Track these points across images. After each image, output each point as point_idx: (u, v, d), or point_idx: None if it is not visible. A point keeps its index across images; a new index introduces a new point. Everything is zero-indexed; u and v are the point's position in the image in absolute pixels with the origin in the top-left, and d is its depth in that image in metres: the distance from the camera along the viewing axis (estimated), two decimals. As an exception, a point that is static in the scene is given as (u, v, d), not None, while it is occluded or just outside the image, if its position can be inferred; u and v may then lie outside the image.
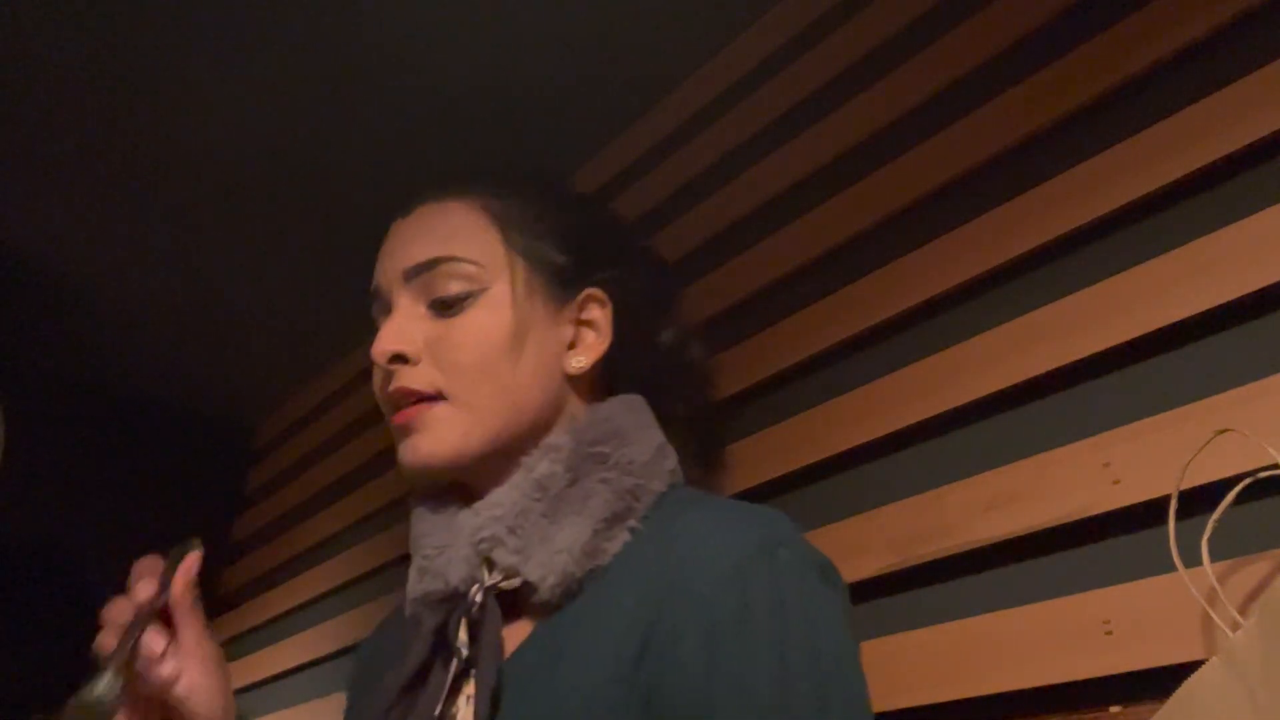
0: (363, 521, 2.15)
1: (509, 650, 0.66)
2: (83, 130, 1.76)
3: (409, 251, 0.73)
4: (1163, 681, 0.77)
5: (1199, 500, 0.80)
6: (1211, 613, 0.77)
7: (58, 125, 1.75)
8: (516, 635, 0.67)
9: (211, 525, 2.66)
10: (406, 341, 0.71)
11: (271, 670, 2.22)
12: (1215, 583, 0.77)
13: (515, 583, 0.67)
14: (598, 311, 0.76)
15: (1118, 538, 0.91)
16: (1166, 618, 0.82)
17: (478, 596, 0.67)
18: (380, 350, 0.71)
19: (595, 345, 0.75)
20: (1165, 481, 0.83)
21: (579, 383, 0.75)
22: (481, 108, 1.69)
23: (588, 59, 1.59)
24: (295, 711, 2.09)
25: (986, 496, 1.00)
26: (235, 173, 1.87)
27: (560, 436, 0.71)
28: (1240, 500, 0.77)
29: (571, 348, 0.75)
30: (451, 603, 0.68)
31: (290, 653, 2.18)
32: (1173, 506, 0.79)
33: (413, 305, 0.73)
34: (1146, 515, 0.87)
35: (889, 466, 1.13)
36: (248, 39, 1.57)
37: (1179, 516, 0.79)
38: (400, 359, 0.71)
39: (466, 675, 0.65)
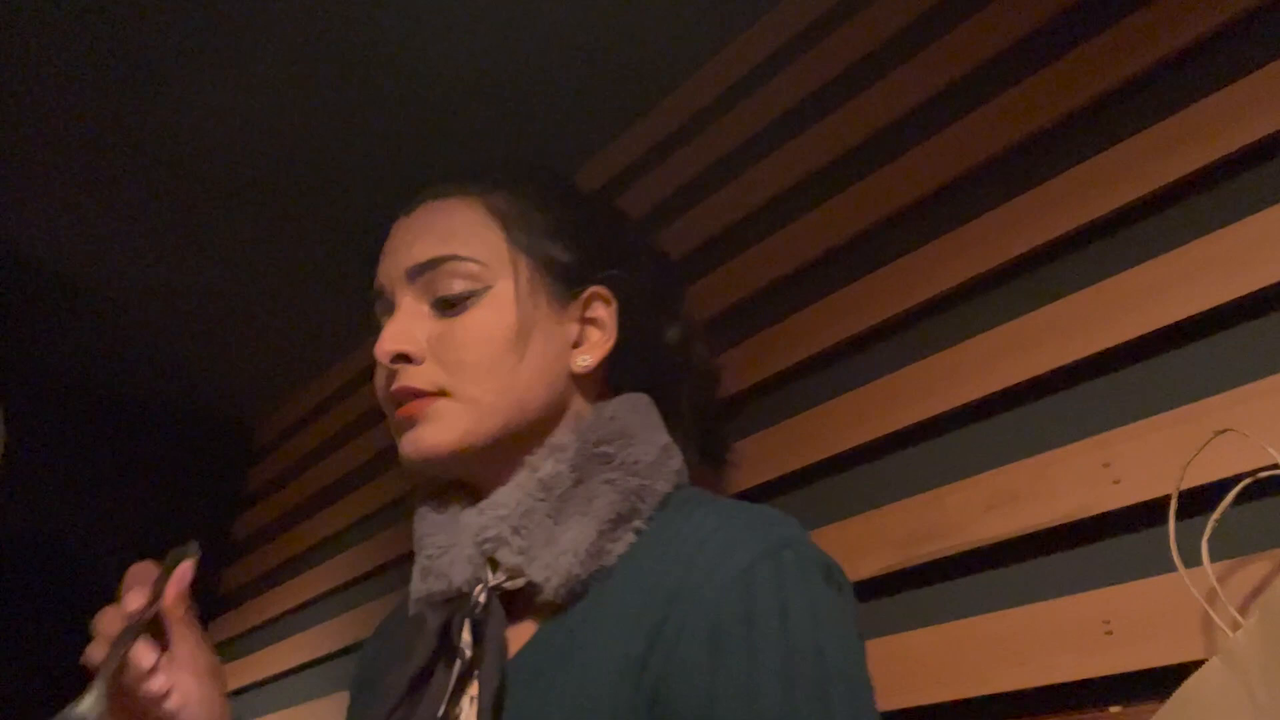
0: (363, 521, 2.14)
1: (512, 650, 0.66)
2: (82, 130, 1.76)
3: (412, 250, 0.73)
4: (1163, 681, 0.77)
5: (1199, 500, 0.80)
6: (1211, 613, 0.77)
7: (57, 125, 1.75)
8: (520, 635, 0.67)
9: (211, 525, 2.66)
10: (410, 341, 0.70)
11: (271, 670, 2.22)
12: (1215, 583, 0.77)
13: (519, 583, 0.66)
14: (603, 309, 0.76)
15: (1118, 538, 0.91)
16: (1166, 618, 0.82)
17: (481, 597, 0.66)
18: (383, 350, 0.70)
19: (600, 343, 0.75)
20: (1165, 481, 0.83)
21: (584, 381, 0.75)
22: (484, 104, 1.68)
23: (591, 55, 1.58)
24: (295, 711, 2.08)
25: (986, 496, 1.00)
26: (235, 172, 1.87)
27: (565, 436, 0.71)
28: (1240, 500, 0.77)
29: (576, 346, 0.74)
30: (455, 603, 0.68)
31: (290, 653, 2.17)
32: (1173, 506, 0.79)
33: (416, 304, 0.72)
34: (1146, 515, 0.87)
35: (889, 466, 1.13)
36: (247, 36, 1.56)
37: (1179, 516, 0.78)
38: (403, 358, 0.70)
39: (470, 676, 0.65)
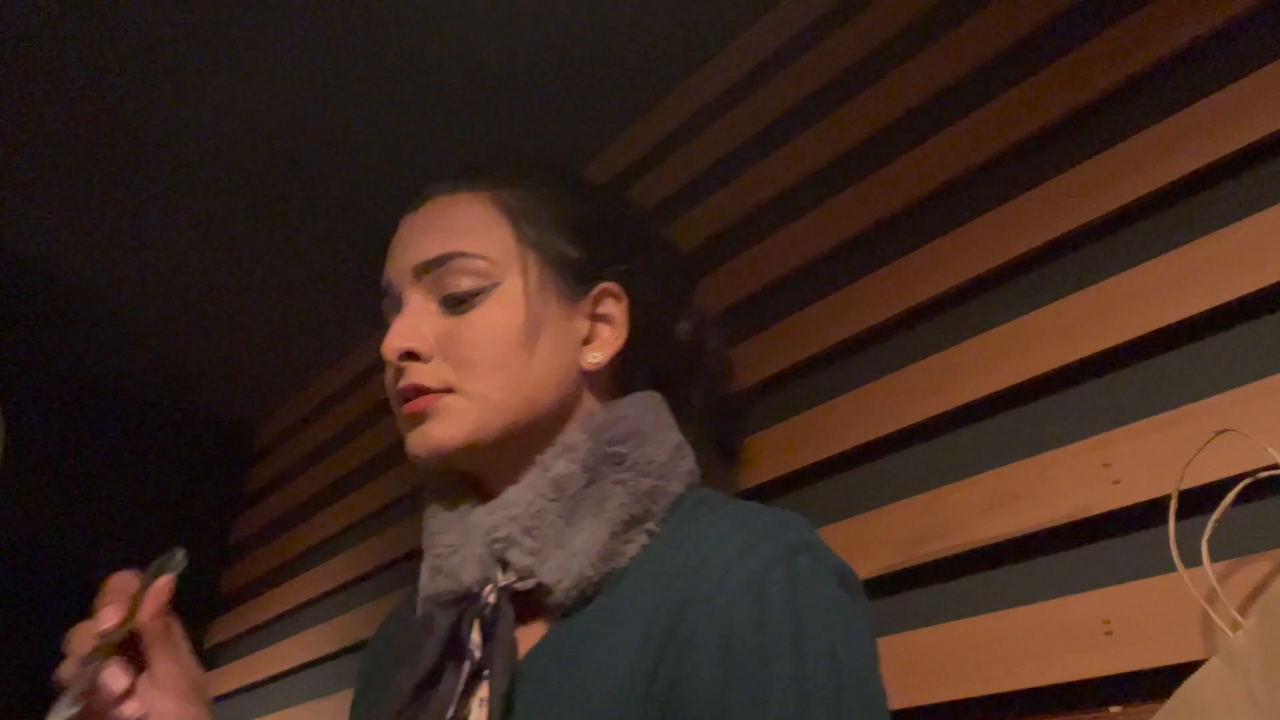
0: (363, 521, 2.14)
1: (521, 651, 0.65)
2: (82, 130, 1.76)
3: (419, 247, 0.72)
4: (1163, 681, 0.77)
5: (1199, 500, 0.80)
6: (1211, 613, 0.77)
7: (57, 125, 1.75)
8: (530, 637, 0.66)
9: (211, 525, 2.66)
10: (417, 339, 0.70)
11: (271, 670, 2.22)
12: (1215, 583, 0.77)
13: (530, 584, 0.66)
14: (613, 306, 0.74)
15: (1118, 538, 0.91)
16: (1166, 618, 0.82)
17: (491, 597, 0.66)
18: (391, 348, 0.70)
19: (611, 340, 0.74)
20: (1165, 481, 0.83)
21: (594, 378, 0.74)
22: (486, 104, 1.67)
23: (592, 54, 1.57)
24: (295, 711, 2.08)
25: (986, 496, 1.00)
26: (236, 172, 1.86)
27: (576, 435, 0.70)
28: (1240, 500, 0.77)
29: (586, 343, 0.73)
30: (464, 603, 0.67)
31: (290, 653, 2.18)
32: (1173, 506, 0.79)
33: (423, 302, 0.71)
34: (1146, 515, 0.87)
35: (889, 466, 1.13)
36: (248, 37, 1.56)
37: (1179, 516, 0.78)
38: (411, 356, 0.70)
39: (479, 677, 0.64)
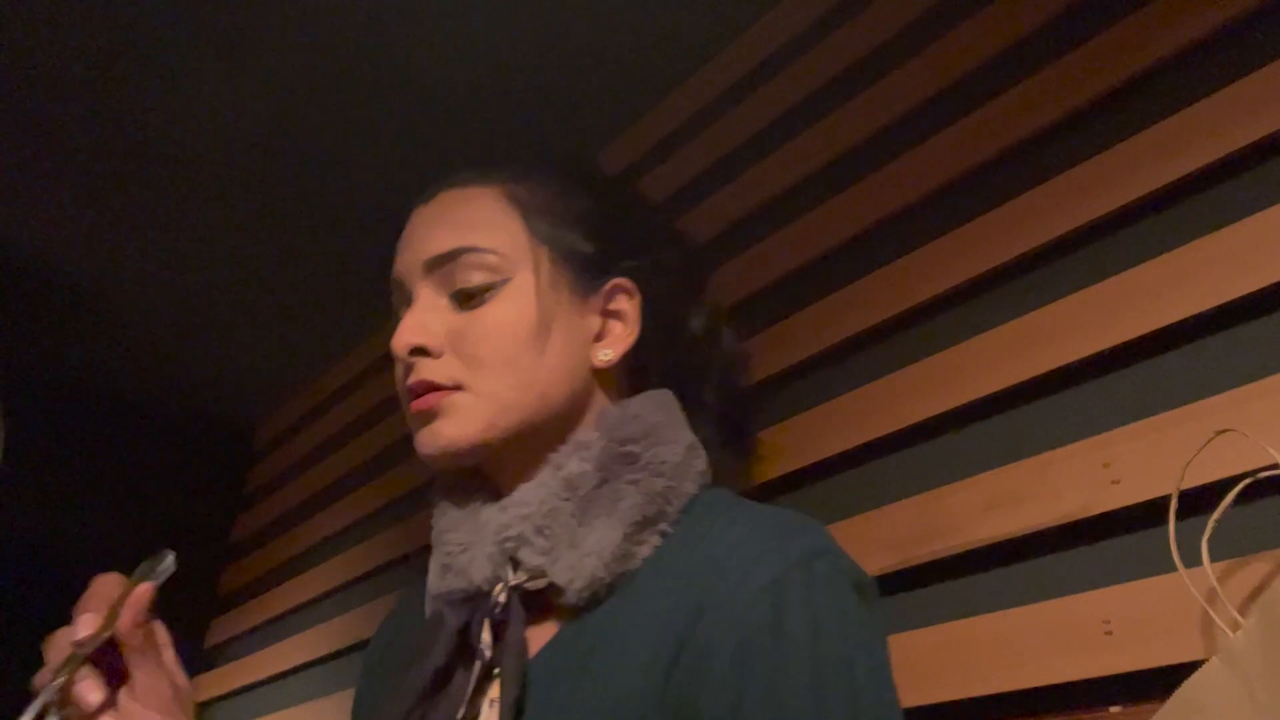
0: (362, 521, 2.15)
1: (531, 651, 0.65)
2: (82, 130, 1.76)
3: (430, 241, 0.71)
4: (1163, 681, 0.77)
5: (1199, 500, 0.80)
6: (1211, 613, 0.77)
7: (57, 125, 1.75)
8: (539, 636, 0.66)
9: (211, 525, 2.66)
10: (427, 334, 0.69)
11: (271, 670, 2.22)
12: (1215, 583, 0.77)
13: (541, 583, 0.65)
14: (625, 302, 0.73)
15: (1118, 538, 0.91)
16: (1166, 618, 0.82)
17: (501, 596, 0.65)
18: (401, 343, 0.69)
19: (623, 337, 0.73)
20: (1165, 481, 0.83)
21: (606, 375, 0.73)
22: (487, 102, 1.65)
23: (591, 53, 1.57)
24: (295, 711, 2.08)
25: (986, 496, 1.00)
26: (236, 172, 1.86)
27: (589, 433, 0.69)
28: (1240, 500, 0.77)
29: (598, 339, 0.72)
30: (474, 602, 0.66)
31: (290, 653, 2.18)
32: (1173, 506, 0.79)
33: (434, 296, 0.70)
34: (1146, 515, 0.87)
35: (889, 466, 1.13)
36: (249, 37, 1.56)
37: (1179, 516, 0.78)
38: (421, 352, 0.69)
39: (489, 678, 0.64)
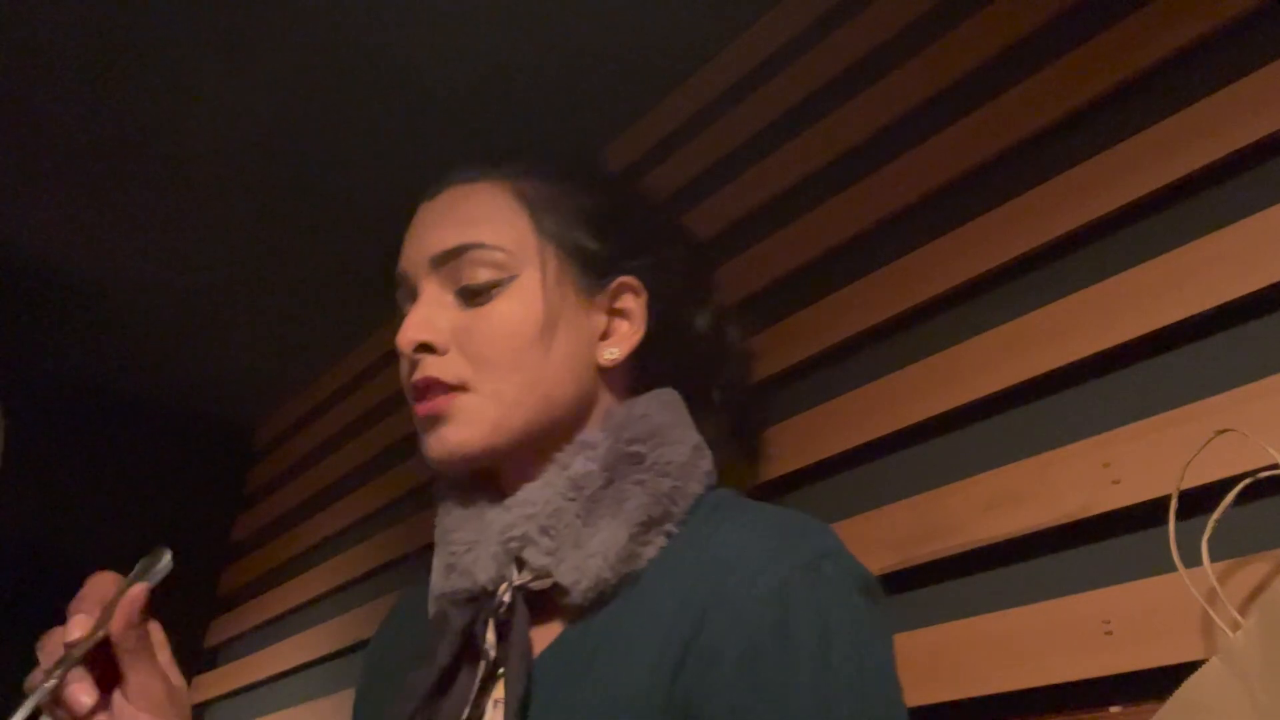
0: (362, 521, 2.15)
1: (535, 651, 0.64)
2: (82, 129, 1.76)
3: (436, 237, 0.71)
4: (1163, 681, 0.77)
5: (1199, 500, 0.80)
6: (1211, 613, 0.77)
7: (57, 125, 1.75)
8: (544, 636, 0.66)
9: (211, 525, 2.66)
10: (433, 331, 0.69)
11: (271, 670, 2.22)
12: (1215, 583, 0.77)
13: (546, 584, 0.65)
14: (632, 300, 0.73)
15: (1118, 538, 0.91)
16: (1166, 618, 0.82)
17: (506, 596, 0.65)
18: (406, 339, 0.68)
19: (629, 336, 0.73)
20: (1165, 481, 0.83)
21: (611, 374, 0.73)
22: (487, 102, 1.64)
23: (591, 53, 1.56)
24: (295, 711, 2.08)
25: (986, 496, 1.00)
26: (236, 172, 1.86)
27: (595, 433, 0.69)
28: (1240, 500, 0.77)
29: (604, 338, 0.72)
30: (479, 602, 0.66)
31: (290, 653, 2.18)
32: (1173, 506, 0.79)
33: (439, 293, 0.70)
34: (1146, 515, 0.87)
35: (889, 466, 1.13)
36: (249, 36, 1.56)
37: (1179, 516, 0.78)
38: (426, 348, 0.69)
39: (494, 678, 0.64)
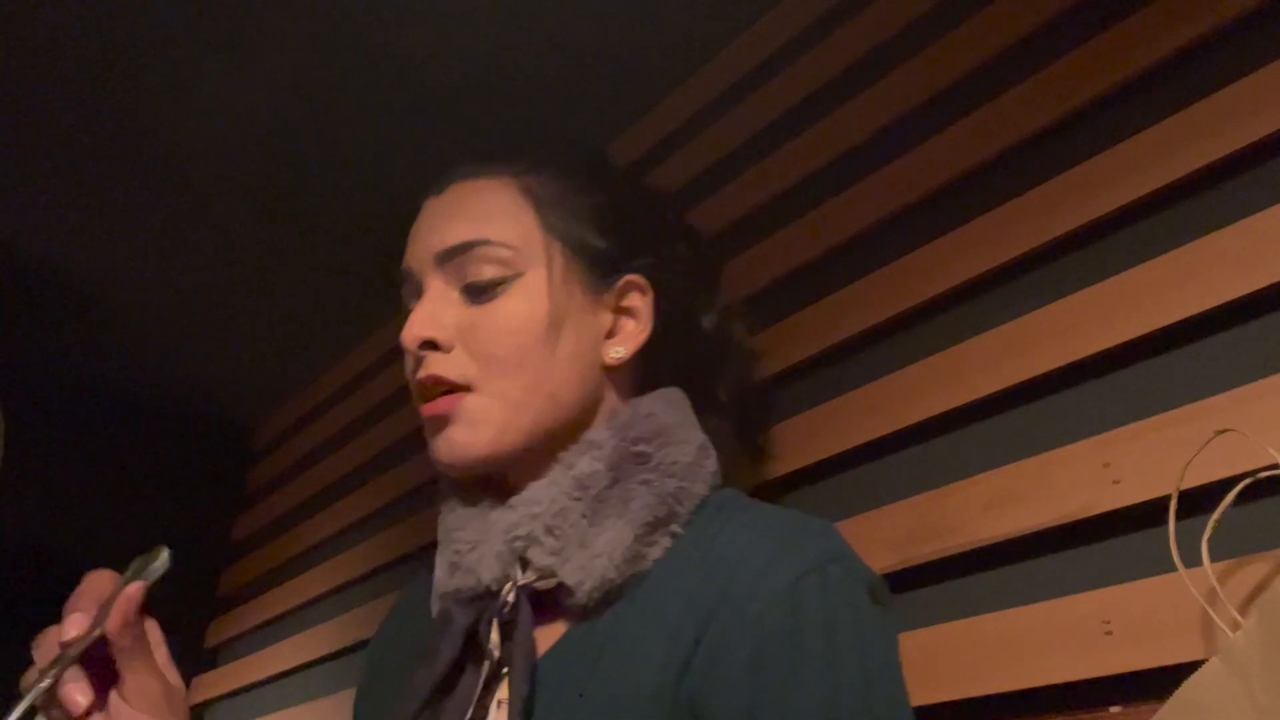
0: (362, 522, 2.14)
1: (540, 651, 0.64)
2: (83, 130, 1.76)
3: (442, 233, 0.70)
4: (1163, 681, 0.77)
5: (1199, 500, 0.80)
6: (1211, 613, 0.77)
7: (57, 125, 1.75)
8: (548, 636, 0.66)
9: (211, 525, 2.66)
10: (438, 327, 0.68)
11: (271, 670, 2.22)
12: (1215, 583, 0.77)
13: (550, 584, 0.65)
14: (638, 299, 0.73)
15: (1118, 538, 0.91)
16: (1166, 618, 0.82)
17: (510, 596, 0.64)
18: (411, 336, 0.68)
19: (635, 334, 0.73)
20: (1165, 481, 0.83)
21: (616, 373, 0.73)
22: (486, 101, 1.63)
23: (590, 53, 1.56)
24: (295, 711, 2.08)
25: (986, 496, 1.00)
26: (236, 172, 1.86)
27: (600, 432, 0.69)
28: (1240, 500, 0.77)
29: (609, 337, 0.72)
30: (483, 601, 0.66)
31: (290, 653, 2.17)
32: (1173, 506, 0.79)
33: (445, 289, 0.70)
34: (1146, 515, 0.87)
35: (889, 466, 1.13)
36: (249, 35, 1.55)
37: (1179, 516, 0.78)
38: (431, 345, 0.68)
39: (497, 678, 0.63)
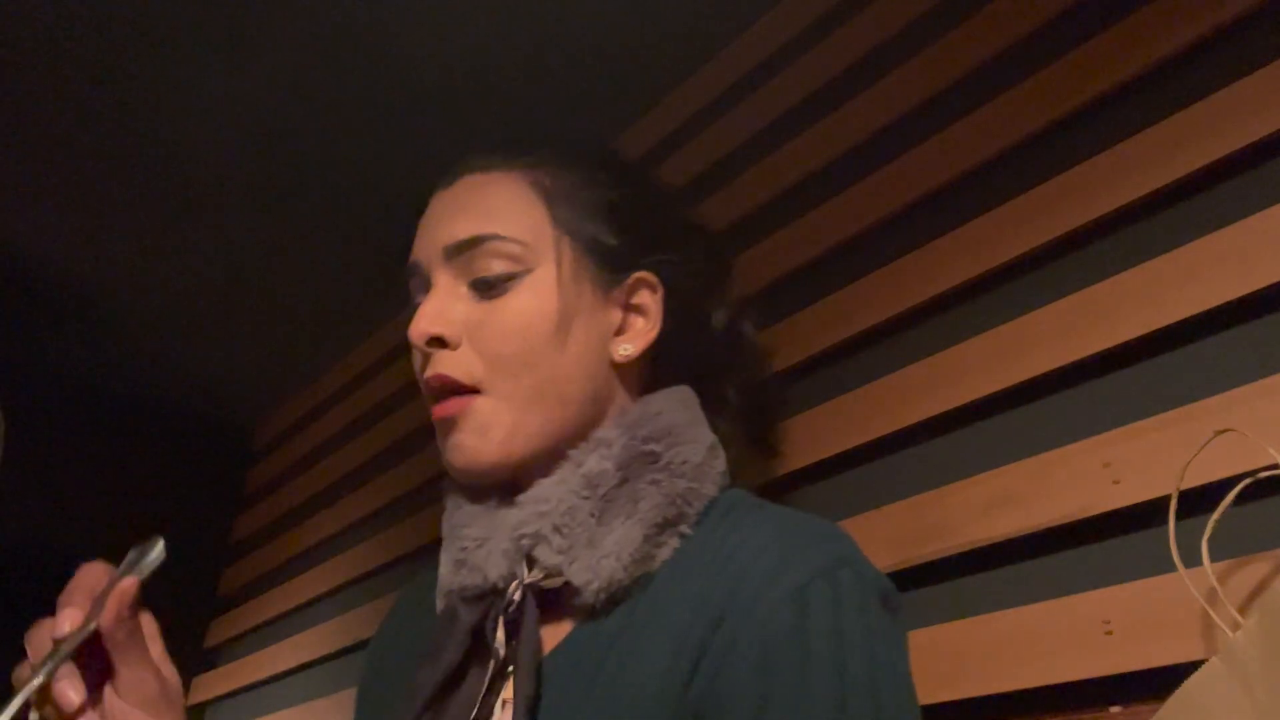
0: (362, 522, 2.15)
1: (546, 650, 0.64)
2: (83, 130, 1.76)
3: (450, 227, 0.69)
4: (1163, 681, 0.77)
5: (1199, 500, 0.80)
6: (1211, 613, 0.77)
7: (58, 125, 1.75)
8: (554, 636, 0.65)
9: (211, 525, 2.66)
10: (445, 324, 0.67)
11: (271, 670, 2.22)
12: (1215, 583, 0.77)
13: (557, 583, 0.64)
14: (648, 296, 0.72)
15: (1118, 538, 0.91)
16: (1166, 618, 0.82)
17: (516, 594, 0.64)
18: (418, 332, 0.67)
19: (644, 332, 0.72)
20: (1165, 481, 0.83)
21: (625, 370, 0.72)
22: (486, 101, 1.62)
23: (590, 52, 1.56)
24: (295, 711, 2.08)
25: (986, 496, 1.00)
26: (236, 172, 1.86)
27: (610, 430, 0.68)
28: (1240, 500, 0.77)
29: (619, 334, 0.71)
30: (488, 599, 0.65)
31: (290, 653, 2.18)
32: (1173, 506, 0.79)
33: (453, 284, 0.69)
34: (1146, 515, 0.87)
35: (889, 466, 1.13)
36: (248, 34, 1.55)
37: (1179, 516, 0.78)
38: (439, 342, 0.67)
39: (502, 677, 0.63)
